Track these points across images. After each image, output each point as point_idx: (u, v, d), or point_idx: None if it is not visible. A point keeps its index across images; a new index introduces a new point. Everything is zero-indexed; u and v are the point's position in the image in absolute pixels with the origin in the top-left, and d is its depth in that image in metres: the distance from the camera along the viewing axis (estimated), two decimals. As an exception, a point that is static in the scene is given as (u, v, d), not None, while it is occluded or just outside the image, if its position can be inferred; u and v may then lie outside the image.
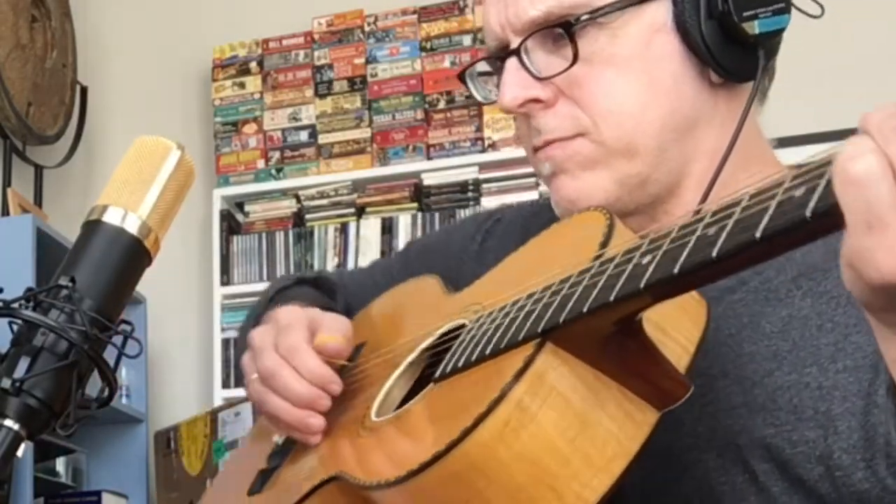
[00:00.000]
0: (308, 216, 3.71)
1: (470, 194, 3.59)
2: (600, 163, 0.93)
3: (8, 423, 0.67)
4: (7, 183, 3.46)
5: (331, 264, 3.64)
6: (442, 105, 3.66)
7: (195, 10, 4.04)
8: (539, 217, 1.06)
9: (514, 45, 0.94)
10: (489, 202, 3.51)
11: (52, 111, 3.63)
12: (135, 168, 0.76)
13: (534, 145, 0.96)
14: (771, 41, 0.93)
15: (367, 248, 3.63)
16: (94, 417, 0.71)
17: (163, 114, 3.93)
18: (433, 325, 0.95)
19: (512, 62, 0.94)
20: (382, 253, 3.60)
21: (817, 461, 0.80)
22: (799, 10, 0.94)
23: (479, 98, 1.05)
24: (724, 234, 0.59)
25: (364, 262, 3.57)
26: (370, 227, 3.65)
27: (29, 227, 3.03)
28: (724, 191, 0.64)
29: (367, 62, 3.76)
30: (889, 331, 0.55)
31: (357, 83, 3.76)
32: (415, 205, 3.64)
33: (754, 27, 0.91)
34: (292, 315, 0.99)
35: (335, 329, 0.97)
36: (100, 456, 3.46)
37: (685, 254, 0.61)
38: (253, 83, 3.82)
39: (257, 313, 1.16)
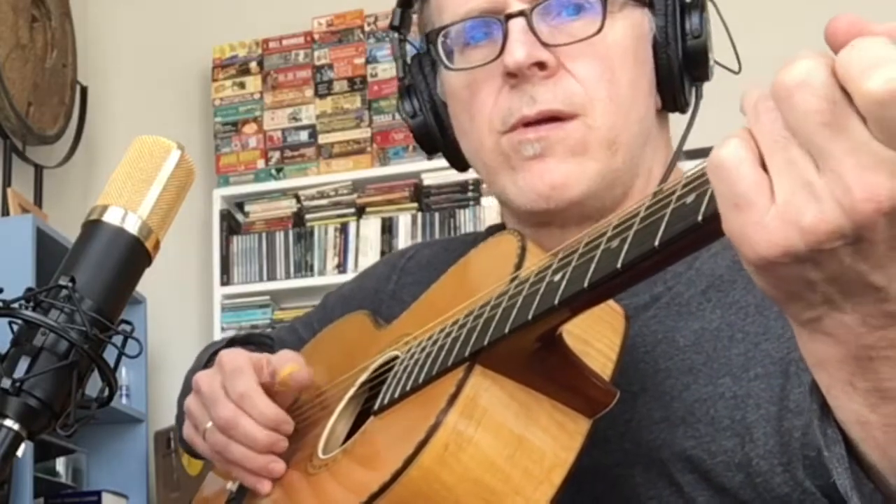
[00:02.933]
0: (308, 216, 3.71)
1: (470, 194, 3.59)
2: (589, 152, 0.92)
3: (8, 423, 0.67)
4: (7, 183, 3.46)
5: (331, 264, 3.64)
6: (442, 105, 3.66)
7: (195, 10, 4.04)
8: (453, 252, 1.07)
9: (515, 8, 0.91)
10: (489, 202, 3.52)
11: (52, 111, 3.63)
12: (135, 168, 0.76)
13: (524, 115, 0.91)
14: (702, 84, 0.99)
15: (367, 248, 3.63)
16: (94, 417, 0.71)
17: (163, 114, 3.94)
18: (368, 360, 0.96)
19: (519, 23, 0.90)
20: (382, 253, 3.60)
21: (737, 469, 0.81)
22: (721, 65, 0.99)
23: (443, 59, 0.96)
24: (626, 246, 0.61)
25: (364, 262, 3.57)
26: (370, 227, 3.65)
27: (29, 227, 3.03)
28: None
29: (367, 62, 3.76)
30: (801, 329, 0.55)
31: (357, 83, 3.76)
32: (415, 205, 3.64)
33: (710, 60, 0.97)
34: (237, 358, 0.97)
35: (289, 360, 0.96)
36: (100, 456, 3.46)
37: (592, 268, 0.64)
38: (253, 83, 3.82)
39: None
